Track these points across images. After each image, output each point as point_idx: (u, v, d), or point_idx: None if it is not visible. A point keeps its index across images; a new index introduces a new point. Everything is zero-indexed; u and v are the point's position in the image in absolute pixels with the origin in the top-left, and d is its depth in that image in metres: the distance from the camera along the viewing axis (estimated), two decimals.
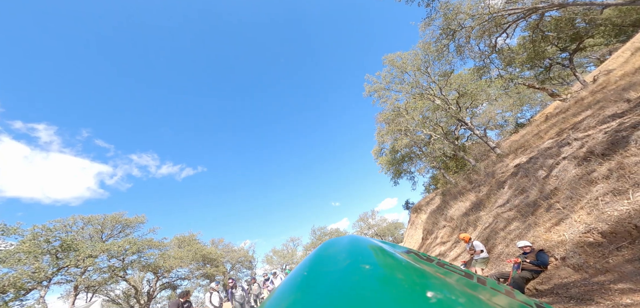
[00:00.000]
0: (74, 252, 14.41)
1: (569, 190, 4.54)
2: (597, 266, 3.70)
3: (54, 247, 14.06)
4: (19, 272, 12.18)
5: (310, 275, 0.73)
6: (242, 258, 31.53)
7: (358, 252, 0.79)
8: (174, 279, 21.76)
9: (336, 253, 0.83)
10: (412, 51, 17.71)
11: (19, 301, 12.73)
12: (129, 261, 17.41)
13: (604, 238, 3.73)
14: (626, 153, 3.98)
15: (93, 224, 17.39)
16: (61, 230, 15.19)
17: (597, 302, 3.48)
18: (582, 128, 6.15)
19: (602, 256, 3.68)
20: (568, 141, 5.78)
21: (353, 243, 0.87)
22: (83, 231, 17.23)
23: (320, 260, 0.82)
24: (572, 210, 4.39)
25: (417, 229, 17.89)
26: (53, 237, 14.14)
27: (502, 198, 7.09)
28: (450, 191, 13.83)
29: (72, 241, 14.75)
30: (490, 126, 23.67)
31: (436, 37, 13.23)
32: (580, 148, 5.06)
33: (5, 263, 12.12)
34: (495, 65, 14.71)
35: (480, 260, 6.49)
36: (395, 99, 19.39)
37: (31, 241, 12.91)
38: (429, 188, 25.78)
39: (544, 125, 11.51)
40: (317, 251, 0.90)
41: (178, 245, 21.62)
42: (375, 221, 46.19)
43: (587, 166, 4.56)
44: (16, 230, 13.36)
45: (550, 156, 5.90)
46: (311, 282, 0.70)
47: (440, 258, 0.96)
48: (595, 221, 3.88)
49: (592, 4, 10.47)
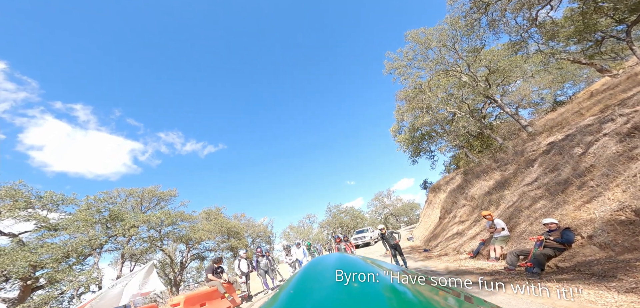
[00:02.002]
0: (120, 222, 16.35)
1: (606, 167, 4.27)
2: (625, 245, 3.58)
3: (104, 217, 16.06)
4: (78, 238, 14.07)
5: (296, 293, 0.74)
6: (262, 233, 33.67)
7: (344, 271, 0.79)
8: (202, 251, 23.97)
9: (323, 270, 0.84)
10: (438, 27, 16.50)
11: (80, 265, 14.77)
12: (165, 233, 19.46)
13: (637, 216, 3.55)
14: None
15: (134, 196, 19.46)
16: (108, 201, 17.20)
17: (619, 279, 3.42)
18: (631, 104, 5.57)
19: (632, 234, 3.54)
20: (612, 117, 5.31)
21: (340, 262, 0.89)
22: (126, 203, 19.39)
23: (307, 278, 0.84)
24: (606, 187, 4.17)
25: (435, 209, 17.69)
26: (103, 207, 16.10)
27: (530, 177, 6.80)
28: (472, 170, 13.36)
29: (119, 211, 16.71)
30: (524, 105, 21.77)
31: (466, 11, 12.14)
32: (624, 124, 4.65)
33: (68, 230, 14.08)
34: (535, 40, 13.23)
35: (501, 237, 6.44)
36: (418, 76, 18.48)
37: (86, 211, 14.80)
38: (449, 168, 24.95)
39: (586, 102, 10.46)
40: (304, 270, 0.92)
41: (206, 218, 23.57)
42: (390, 201, 46.12)
43: (629, 142, 4.23)
44: (72, 200, 15.36)
45: (589, 132, 5.48)
46: (297, 300, 0.70)
47: (430, 277, 0.96)
48: (631, 199, 3.69)
49: None
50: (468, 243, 8.13)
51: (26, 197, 12.94)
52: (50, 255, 12.33)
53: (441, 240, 10.80)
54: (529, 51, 13.65)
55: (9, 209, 12.32)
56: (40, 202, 13.61)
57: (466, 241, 8.41)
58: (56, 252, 12.50)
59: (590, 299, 3.31)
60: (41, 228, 13.43)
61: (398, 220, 46.43)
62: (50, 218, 13.96)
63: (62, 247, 12.97)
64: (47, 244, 12.90)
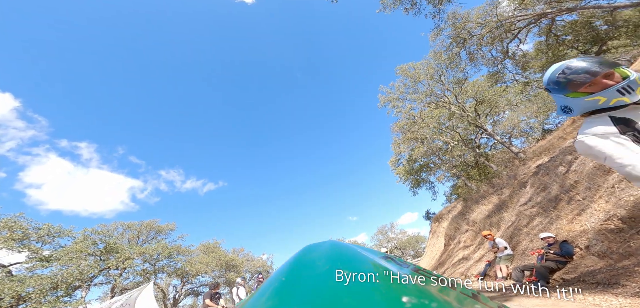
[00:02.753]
0: (114, 254, 15.87)
1: (587, 181, 4.68)
2: (620, 252, 3.83)
3: (99, 249, 15.63)
4: (70, 270, 13.59)
5: (288, 280, 0.73)
6: (261, 268, 32.09)
7: (337, 257, 0.79)
8: (197, 286, 22.73)
9: (315, 258, 0.82)
10: (424, 61, 18.03)
11: (67, 298, 14.02)
12: (159, 266, 18.67)
13: (624, 224, 3.86)
14: None
15: (131, 230, 19.07)
16: (105, 234, 16.84)
17: (623, 285, 3.60)
18: None
19: (623, 241, 3.81)
20: None
21: (332, 249, 0.88)
22: (123, 236, 18.92)
23: (299, 265, 0.82)
24: (591, 200, 4.52)
25: (439, 237, 17.46)
26: (100, 240, 15.74)
27: (524, 197, 7.12)
28: (471, 196, 13.62)
29: (114, 244, 16.29)
30: (515, 134, 22.86)
31: (446, 46, 13.39)
32: None
33: (60, 261, 13.64)
34: (510, 71, 14.61)
35: (505, 257, 6.53)
36: (410, 108, 19.67)
37: (82, 242, 14.48)
38: (451, 198, 25.02)
39: (569, 128, 11.24)
40: (296, 257, 0.90)
41: (203, 251, 22.75)
42: (394, 234, 44.84)
43: None
44: (70, 233, 15.11)
45: (569, 152, 6.00)
46: (289, 288, 0.70)
47: (416, 264, 0.98)
48: (614, 208, 4.03)
49: (601, 7, 10.34)
50: (474, 267, 8.10)
51: (24, 228, 12.77)
52: (37, 287, 11.80)
53: (448, 267, 10.63)
54: (506, 81, 14.88)
55: (4, 240, 12.09)
56: (37, 234, 13.38)
57: (472, 264, 8.38)
58: (44, 283, 12.01)
59: (596, 303, 3.46)
60: (33, 260, 13.01)
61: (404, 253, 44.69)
62: (44, 250, 13.59)
63: (51, 278, 12.50)
64: (36, 275, 12.41)
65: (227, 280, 22.52)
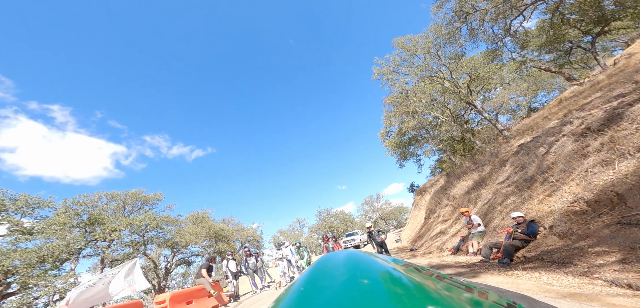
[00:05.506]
0: (100, 226, 15.75)
1: (564, 164, 4.75)
2: (579, 233, 4.00)
3: (83, 221, 15.41)
4: (55, 243, 13.44)
5: (307, 290, 0.73)
6: (251, 238, 33.19)
7: (356, 267, 0.78)
8: (188, 255, 23.36)
9: (334, 267, 0.82)
10: (423, 34, 17.31)
11: (56, 271, 14.03)
12: (148, 237, 18.85)
13: (589, 207, 3.99)
14: (619, 127, 4.12)
15: (116, 200, 18.78)
16: (88, 205, 16.52)
17: (575, 265, 3.82)
18: (588, 108, 6.19)
19: (584, 223, 3.97)
20: (571, 120, 5.88)
21: (350, 258, 0.87)
22: (107, 207, 18.67)
23: (318, 275, 0.82)
24: (563, 182, 4.64)
25: (421, 210, 18.27)
26: (82, 211, 15.46)
27: (502, 176, 7.31)
28: (454, 171, 14.01)
29: (99, 215, 16.09)
30: (503, 111, 23.10)
31: (448, 19, 12.87)
32: (580, 126, 5.19)
33: (44, 234, 13.42)
34: (508, 48, 14.22)
35: (477, 233, 6.85)
36: (404, 82, 19.21)
37: (64, 214, 14.16)
38: (435, 171, 25.84)
39: (555, 108, 11.31)
40: (314, 266, 0.90)
41: (193, 222, 23.03)
42: (380, 205, 46.85)
43: (583, 141, 4.73)
44: (49, 204, 14.68)
45: (551, 134, 6.04)
46: (308, 297, 0.69)
47: (440, 272, 0.97)
48: (583, 191, 4.14)
49: None
50: (450, 241, 8.54)
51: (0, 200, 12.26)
52: (24, 260, 11.68)
53: (426, 240, 11.22)
54: (503, 59, 14.61)
55: None
56: (14, 205, 12.92)
57: (448, 238, 8.83)
58: (30, 257, 11.87)
59: (549, 282, 3.68)
60: (15, 232, 12.72)
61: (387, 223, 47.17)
62: (24, 222, 13.26)
63: (36, 252, 12.34)
64: (20, 249, 12.22)
65: (218, 250, 23.24)
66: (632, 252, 3.15)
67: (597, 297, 2.82)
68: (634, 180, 3.64)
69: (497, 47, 13.95)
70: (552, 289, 3.34)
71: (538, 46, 14.43)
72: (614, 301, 2.64)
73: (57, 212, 14.37)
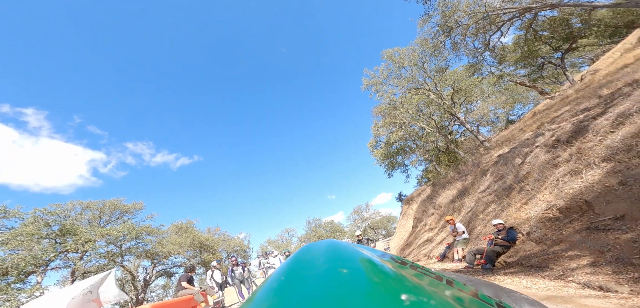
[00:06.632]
0: (73, 237, 14.70)
1: (538, 173, 5.07)
2: (553, 238, 4.24)
3: (54, 231, 14.34)
4: (21, 254, 12.40)
5: (287, 280, 0.74)
6: (238, 248, 32.16)
7: (336, 257, 0.79)
8: (170, 266, 22.21)
9: (314, 257, 0.83)
10: (410, 47, 18.10)
11: (20, 284, 12.93)
12: (126, 248, 17.78)
13: (561, 213, 4.26)
14: (585, 139, 4.49)
15: (91, 209, 17.65)
16: (61, 215, 15.43)
17: (551, 269, 4.02)
18: (558, 120, 6.68)
19: (557, 229, 4.22)
20: (543, 132, 6.31)
21: (331, 248, 0.88)
22: (81, 217, 17.49)
23: (298, 265, 0.82)
24: (538, 190, 4.93)
25: (408, 219, 18.57)
26: (53, 221, 14.40)
27: (484, 185, 7.65)
28: (439, 181, 14.45)
29: (72, 225, 15.03)
30: (483, 123, 24.32)
31: (433, 33, 13.57)
32: (551, 137, 5.58)
33: (8, 245, 12.36)
34: (488, 63, 15.17)
35: (462, 240, 7.06)
36: (392, 93, 19.87)
37: (33, 224, 13.14)
38: (422, 181, 26.50)
39: (529, 121, 12.09)
40: (295, 256, 0.91)
41: (175, 232, 22.02)
42: (369, 215, 47.12)
43: (554, 152, 5.09)
44: (17, 213, 13.59)
45: (526, 145, 6.44)
46: (288, 287, 0.70)
47: (413, 262, 0.97)
48: (555, 199, 4.41)
49: (582, 5, 10.86)
50: (437, 248, 8.72)
51: None
52: None
53: (414, 248, 11.38)
54: (483, 72, 15.54)
55: None
56: None
57: (435, 246, 9.02)
58: None
59: (527, 286, 3.84)
60: None
61: (376, 232, 47.44)
62: None
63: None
64: None
65: (203, 261, 22.28)
66: (601, 256, 3.37)
67: (572, 299, 2.98)
68: (600, 188, 3.94)
69: (477, 61, 14.85)
70: (531, 293, 3.49)
71: (514, 60, 15.54)
72: (587, 302, 2.79)
73: (24, 222, 13.31)
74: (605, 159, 4.13)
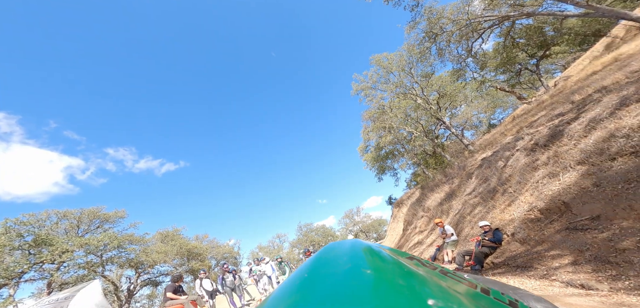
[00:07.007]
0: (48, 247, 13.78)
1: (519, 176, 5.35)
2: (536, 239, 4.47)
3: (27, 242, 13.40)
4: None
5: (310, 277, 0.73)
6: (227, 254, 31.32)
7: (359, 257, 0.78)
8: (156, 275, 21.27)
9: (337, 256, 0.83)
10: (398, 52, 18.61)
11: None
12: (107, 257, 16.86)
13: (542, 214, 4.50)
14: (561, 143, 4.80)
15: (68, 218, 16.63)
16: (34, 225, 14.43)
17: (535, 268, 4.22)
18: (535, 125, 7.08)
19: (539, 229, 4.45)
20: (522, 136, 6.66)
21: (354, 248, 0.87)
22: (58, 227, 16.44)
23: (322, 263, 0.82)
24: (520, 192, 5.19)
25: (399, 222, 18.89)
26: (26, 232, 13.45)
27: (469, 187, 7.94)
28: (428, 184, 14.83)
29: (47, 236, 14.10)
30: (467, 127, 25.29)
31: (420, 39, 14.05)
32: (529, 141, 5.91)
33: None
34: (471, 68, 15.87)
35: (451, 242, 7.26)
36: (381, 97, 20.28)
37: (4, 236, 12.23)
38: (411, 184, 27.08)
39: (509, 125, 12.72)
40: (318, 255, 0.90)
41: (161, 240, 21.14)
42: (360, 218, 47.42)
43: (533, 155, 5.39)
44: None
45: (508, 149, 6.77)
46: (312, 284, 0.69)
47: (446, 268, 0.96)
48: (536, 201, 4.66)
49: (554, 14, 11.62)
50: (427, 250, 8.91)
51: None
52: None
53: (405, 250, 11.58)
54: (466, 78, 16.26)
55: None
56: None
57: (425, 248, 9.21)
58: None
59: (516, 286, 4.01)
60: None
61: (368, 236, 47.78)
62: None
63: None
64: None
65: (191, 269, 21.50)
66: (581, 255, 3.59)
67: (557, 297, 3.12)
68: (576, 190, 4.21)
69: (461, 66, 15.51)
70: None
71: (494, 66, 16.36)
72: (571, 301, 2.93)
73: None
74: (580, 162, 4.43)
